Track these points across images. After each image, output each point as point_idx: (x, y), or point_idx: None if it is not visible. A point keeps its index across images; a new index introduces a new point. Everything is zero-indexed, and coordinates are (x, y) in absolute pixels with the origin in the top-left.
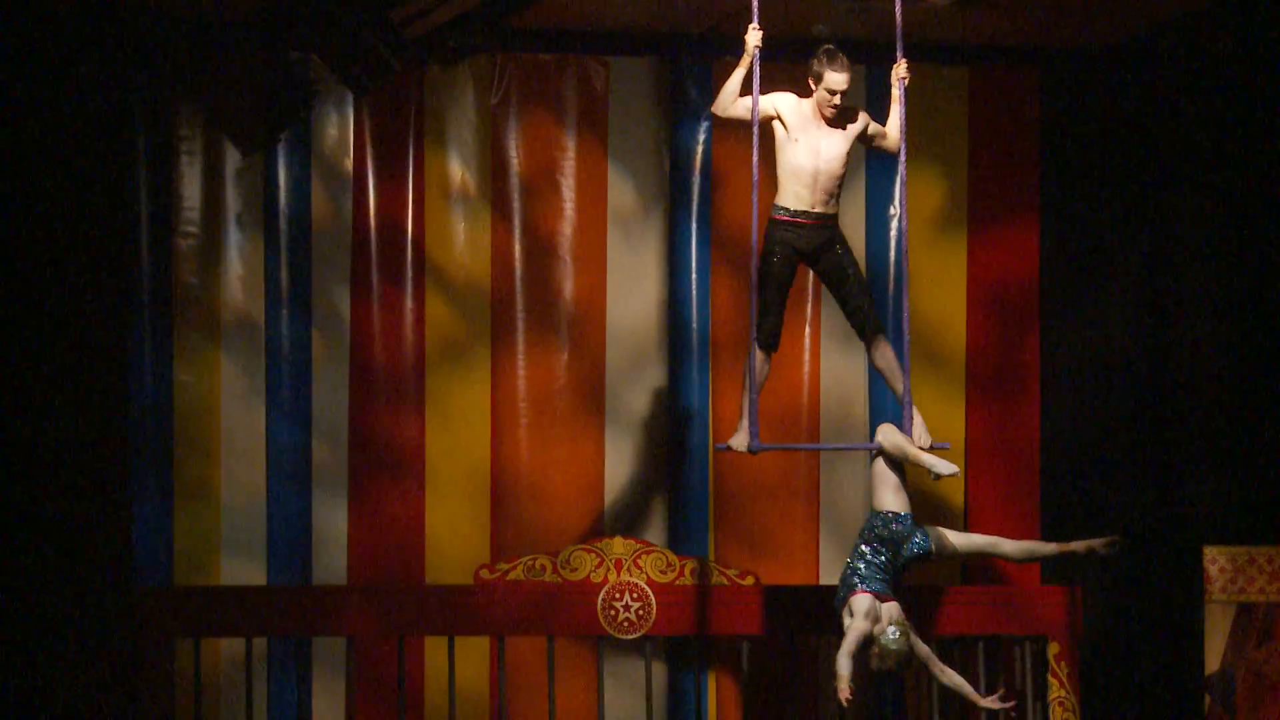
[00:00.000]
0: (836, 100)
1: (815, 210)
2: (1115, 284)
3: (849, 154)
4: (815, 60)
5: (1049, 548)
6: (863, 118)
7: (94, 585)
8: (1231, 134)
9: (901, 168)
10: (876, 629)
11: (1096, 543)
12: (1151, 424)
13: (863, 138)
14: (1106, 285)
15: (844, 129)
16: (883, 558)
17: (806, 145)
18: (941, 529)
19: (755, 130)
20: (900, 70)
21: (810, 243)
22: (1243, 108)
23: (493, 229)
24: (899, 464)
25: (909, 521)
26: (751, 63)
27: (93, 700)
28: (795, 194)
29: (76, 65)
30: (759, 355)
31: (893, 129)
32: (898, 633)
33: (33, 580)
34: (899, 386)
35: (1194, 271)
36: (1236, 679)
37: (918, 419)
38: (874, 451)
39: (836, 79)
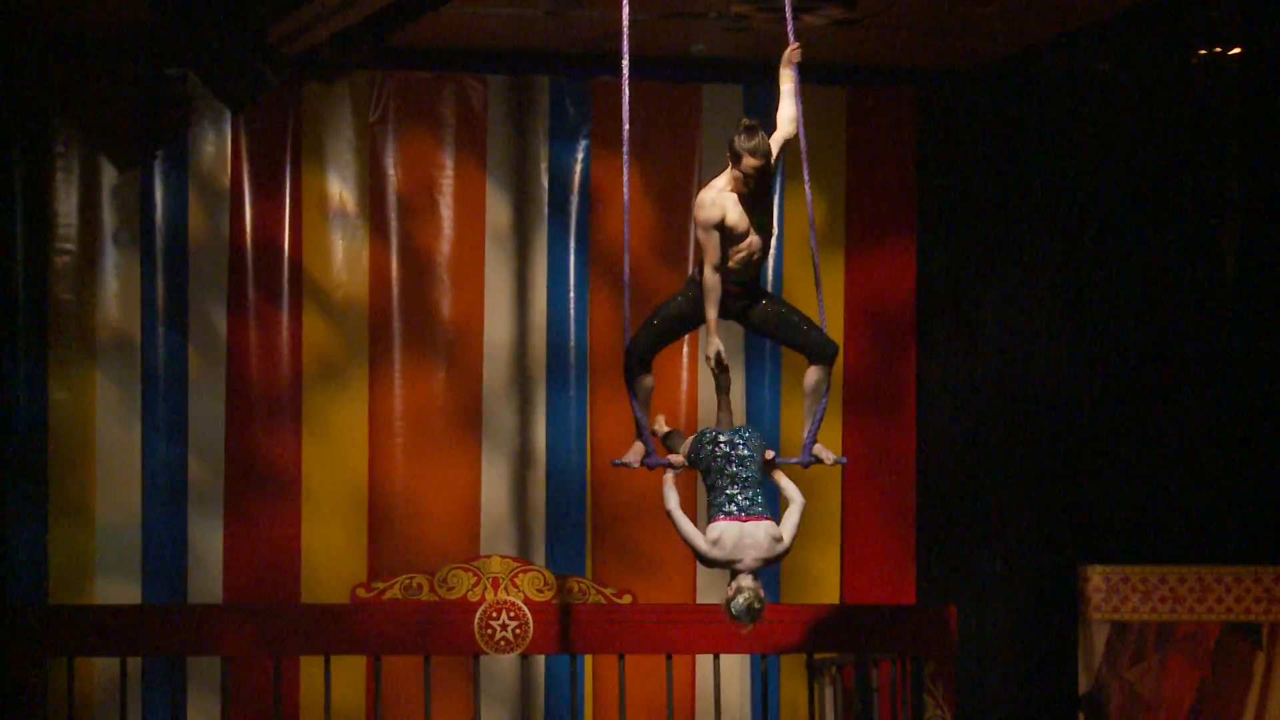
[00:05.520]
0: (754, 180)
1: (745, 279)
2: (991, 303)
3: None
4: (735, 138)
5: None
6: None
7: None
8: (1105, 155)
9: (804, 159)
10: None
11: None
12: (1028, 443)
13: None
14: (982, 304)
15: (768, 197)
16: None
17: (744, 224)
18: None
19: (625, 137)
20: (794, 53)
21: (730, 307)
22: (1117, 128)
23: (371, 247)
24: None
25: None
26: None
27: None
28: (730, 262)
29: None
30: (640, 372)
31: (785, 121)
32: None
33: None
34: (814, 408)
35: (1065, 291)
36: (1110, 697)
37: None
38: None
39: (753, 162)
